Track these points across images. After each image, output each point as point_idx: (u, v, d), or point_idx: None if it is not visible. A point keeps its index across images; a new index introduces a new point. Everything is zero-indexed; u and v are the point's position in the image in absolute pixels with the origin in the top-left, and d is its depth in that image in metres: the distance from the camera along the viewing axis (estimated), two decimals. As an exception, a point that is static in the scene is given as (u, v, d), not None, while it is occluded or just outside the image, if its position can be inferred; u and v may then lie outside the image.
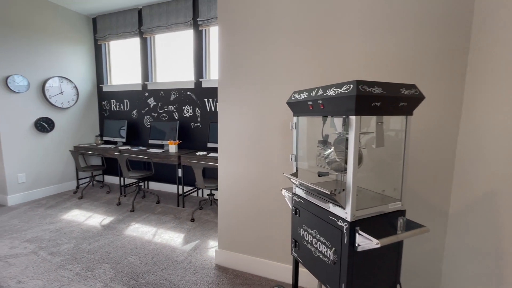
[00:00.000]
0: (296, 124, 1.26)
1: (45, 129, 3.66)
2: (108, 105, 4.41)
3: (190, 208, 3.39)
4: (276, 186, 1.85)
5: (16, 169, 3.38)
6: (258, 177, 1.90)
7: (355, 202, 0.94)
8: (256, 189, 1.92)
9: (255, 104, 1.83)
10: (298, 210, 1.24)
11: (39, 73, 3.56)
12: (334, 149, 1.13)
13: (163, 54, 4.01)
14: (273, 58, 1.74)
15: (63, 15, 3.85)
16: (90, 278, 1.92)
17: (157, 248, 2.36)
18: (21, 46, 3.36)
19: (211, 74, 3.67)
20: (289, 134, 1.72)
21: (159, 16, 3.73)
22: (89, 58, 4.27)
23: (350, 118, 0.91)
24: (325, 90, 1.00)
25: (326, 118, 1.20)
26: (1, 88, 3.19)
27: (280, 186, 1.83)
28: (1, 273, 1.96)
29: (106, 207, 3.34)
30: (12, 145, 3.33)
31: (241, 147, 1.93)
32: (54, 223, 2.83)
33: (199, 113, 3.72)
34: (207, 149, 3.74)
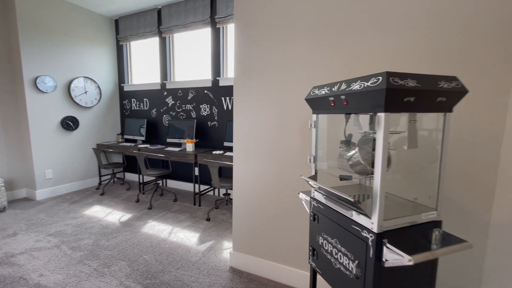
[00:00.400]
0: (315, 123, 1.16)
1: (70, 128, 3.82)
2: (128, 104, 4.53)
3: (206, 207, 3.37)
4: (293, 188, 1.75)
5: (44, 165, 3.55)
6: (274, 178, 1.81)
7: (382, 211, 0.83)
8: (272, 191, 1.84)
9: (272, 102, 1.74)
10: (317, 216, 1.14)
11: (65, 73, 3.72)
12: (358, 150, 1.01)
13: (181, 53, 4.03)
14: (291, 54, 1.64)
15: (88, 18, 3.99)
16: (106, 275, 1.94)
17: (172, 247, 2.35)
18: (49, 48, 3.52)
19: (228, 73, 3.62)
20: (307, 133, 1.62)
21: (177, 15, 3.75)
22: (111, 58, 4.40)
23: (378, 116, 0.80)
24: (349, 84, 0.89)
25: (349, 116, 1.09)
26: (31, 88, 3.36)
27: (297, 189, 1.73)
28: (26, 266, 2.03)
29: (125, 204, 3.41)
30: (41, 142, 3.50)
31: (257, 147, 1.86)
32: (77, 218, 2.93)
33: (216, 112, 3.69)
34: (224, 148, 3.71)
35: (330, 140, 1.19)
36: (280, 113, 1.72)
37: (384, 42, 1.37)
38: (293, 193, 1.75)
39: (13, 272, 1.95)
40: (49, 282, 1.85)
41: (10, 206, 3.26)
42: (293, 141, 1.69)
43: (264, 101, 1.78)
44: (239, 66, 1.85)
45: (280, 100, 1.71)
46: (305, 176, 1.11)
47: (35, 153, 3.45)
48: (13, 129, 3.44)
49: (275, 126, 1.76)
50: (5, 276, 1.91)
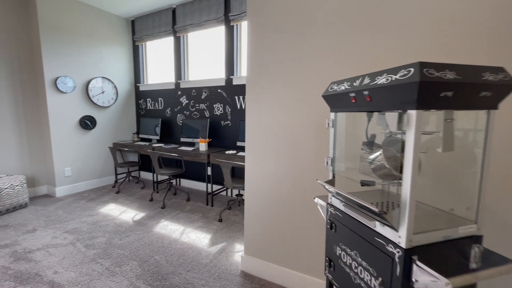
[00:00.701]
0: (333, 122, 1.06)
1: (88, 127, 3.91)
2: (144, 103, 4.58)
3: (219, 207, 3.33)
4: (308, 192, 1.65)
5: (63, 163, 3.66)
6: (287, 181, 1.72)
7: (412, 223, 0.71)
8: (286, 194, 1.74)
9: (286, 100, 1.65)
10: (335, 224, 1.04)
11: (83, 74, 3.81)
12: (382, 152, 0.90)
13: (195, 52, 4.02)
14: (306, 50, 1.54)
15: (106, 19, 4.07)
16: (117, 275, 1.93)
17: (184, 248, 2.31)
18: (69, 50, 3.62)
19: (242, 71, 3.56)
20: (324, 133, 1.51)
21: (192, 14, 3.73)
22: (127, 58, 4.47)
23: (408, 114, 0.69)
24: (373, 78, 0.79)
25: (371, 114, 0.98)
26: (51, 89, 3.46)
27: (313, 193, 1.63)
28: (42, 262, 2.07)
29: (139, 203, 3.44)
30: (60, 141, 3.60)
31: (269, 148, 1.77)
32: (92, 216, 2.98)
33: (229, 111, 3.64)
34: (237, 147, 3.65)
35: (350, 141, 1.08)
36: (295, 112, 1.62)
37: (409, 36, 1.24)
38: (308, 197, 1.65)
39: (30, 268, 1.99)
40: (62, 279, 1.87)
41: (31, 202, 3.38)
42: (308, 142, 1.59)
43: (277, 99, 1.69)
44: (251, 63, 1.77)
45: (294, 98, 1.62)
46: (321, 180, 1.01)
47: (55, 152, 3.56)
48: (35, 128, 3.56)
49: (289, 125, 1.66)
50: (22, 272, 1.95)
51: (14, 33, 3.30)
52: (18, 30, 3.34)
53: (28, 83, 3.46)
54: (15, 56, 3.32)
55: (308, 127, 1.58)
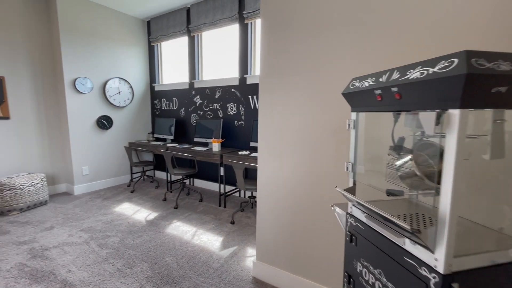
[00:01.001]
0: (354, 122, 0.95)
1: (105, 126, 3.99)
2: (159, 103, 4.62)
3: (231, 209, 3.27)
4: (325, 198, 1.53)
5: (81, 162, 3.75)
6: (302, 186, 1.61)
7: (453, 244, 0.60)
8: (300, 199, 1.64)
9: (300, 99, 1.55)
10: (355, 237, 0.93)
11: (101, 75, 3.89)
12: (412, 157, 0.79)
13: (209, 51, 3.98)
14: (324, 45, 1.43)
15: (123, 21, 4.13)
16: (128, 276, 1.91)
17: (195, 251, 2.27)
18: (87, 51, 3.70)
19: (256, 70, 3.48)
20: (344, 135, 1.40)
21: (206, 13, 3.70)
22: (143, 59, 4.52)
23: (449, 114, 0.57)
24: (404, 72, 0.68)
25: (399, 115, 0.86)
26: (70, 89, 3.55)
27: (330, 199, 1.51)
28: (57, 260, 2.10)
29: (153, 202, 3.45)
30: (78, 140, 3.69)
31: (283, 150, 1.67)
32: (107, 215, 3.01)
33: (243, 111, 3.57)
34: (250, 148, 3.58)
35: (373, 144, 0.97)
36: (311, 112, 1.52)
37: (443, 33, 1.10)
38: (325, 204, 1.54)
39: (45, 266, 2.02)
40: (75, 279, 1.87)
41: (51, 200, 3.49)
42: (325, 144, 1.48)
43: (291, 98, 1.59)
44: (264, 61, 1.68)
45: (310, 96, 1.51)
46: (340, 188, 0.91)
47: (74, 151, 3.65)
48: (55, 128, 3.68)
49: (304, 126, 1.56)
50: (37, 269, 1.98)
51: (36, 36, 3.41)
52: (41, 34, 3.45)
53: (49, 84, 3.57)
54: (37, 58, 3.44)
55: (325, 128, 1.47)
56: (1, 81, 3.17)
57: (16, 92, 3.28)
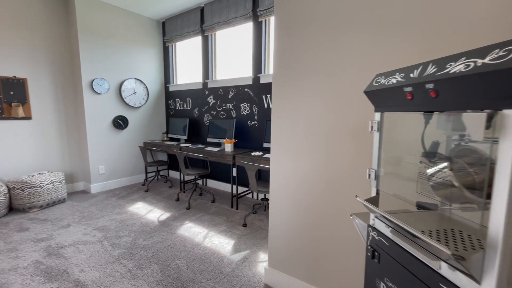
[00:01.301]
0: (378, 124, 0.84)
1: (120, 126, 4.05)
2: (173, 104, 4.64)
3: (244, 210, 3.20)
4: (343, 204, 1.43)
5: (98, 161, 3.83)
6: (318, 191, 1.51)
7: (506, 274, 0.49)
8: (315, 205, 1.54)
9: (316, 98, 1.45)
10: (378, 253, 0.83)
11: (117, 75, 3.95)
12: (449, 165, 0.67)
13: (223, 50, 3.94)
14: (342, 41, 1.32)
15: (139, 22, 4.18)
16: (138, 278, 1.89)
17: (206, 254, 2.22)
18: (104, 53, 3.77)
19: (270, 69, 3.39)
20: (364, 138, 1.28)
21: (219, 12, 3.66)
22: (158, 59, 4.56)
23: (503, 115, 0.47)
24: (443, 65, 0.57)
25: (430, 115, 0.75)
26: (88, 90, 3.63)
27: (348, 206, 1.40)
28: (71, 259, 2.12)
29: (165, 202, 3.46)
30: (95, 140, 3.77)
31: (297, 152, 1.58)
32: (121, 214, 3.04)
33: (256, 111, 3.50)
34: (263, 149, 3.50)
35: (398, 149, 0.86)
36: (327, 112, 1.41)
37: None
38: (343, 211, 1.43)
39: (59, 265, 2.05)
40: (87, 279, 1.88)
41: (69, 198, 3.58)
42: (343, 148, 1.37)
43: (306, 98, 1.49)
44: (278, 59, 1.60)
45: (327, 96, 1.41)
46: (361, 198, 0.81)
47: (91, 150, 3.73)
48: (73, 128, 3.78)
49: (320, 128, 1.45)
50: (52, 267, 2.01)
51: (57, 39, 3.52)
52: (60, 36, 3.55)
53: (68, 85, 3.67)
54: (57, 60, 3.54)
55: (343, 130, 1.36)
56: (24, 83, 3.29)
57: (37, 93, 3.39)
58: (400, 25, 1.14)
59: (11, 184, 3.00)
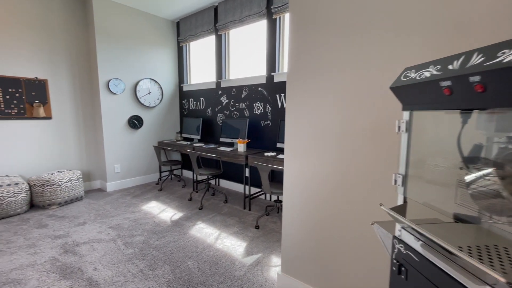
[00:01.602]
0: (407, 124, 0.75)
1: (135, 126, 4.11)
2: (187, 103, 4.66)
3: (256, 212, 3.14)
4: (361, 211, 1.33)
5: (114, 160, 3.90)
6: (335, 195, 1.42)
7: None
8: (332, 210, 1.45)
9: (333, 96, 1.36)
10: (406, 269, 0.74)
11: (132, 76, 4.01)
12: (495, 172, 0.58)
13: (236, 49, 3.90)
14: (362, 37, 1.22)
15: (154, 23, 4.23)
16: (150, 279, 1.88)
17: (217, 256, 2.18)
18: (120, 54, 3.83)
19: (284, 67, 3.31)
20: (387, 139, 1.18)
21: (233, 10, 3.62)
22: (172, 59, 4.59)
23: None
24: (493, 53, 0.48)
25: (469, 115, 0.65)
26: (104, 90, 3.71)
27: (368, 213, 1.30)
28: (85, 257, 2.14)
29: (178, 202, 3.46)
30: (111, 139, 3.85)
31: (313, 153, 1.50)
32: (135, 213, 3.07)
33: (269, 110, 3.43)
34: (277, 149, 3.42)
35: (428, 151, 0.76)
36: (345, 111, 1.32)
37: None
38: (362, 217, 1.33)
39: (74, 262, 2.07)
40: (100, 278, 1.88)
41: (86, 196, 3.67)
42: (363, 150, 1.27)
43: (322, 96, 1.41)
44: (293, 56, 1.52)
45: (345, 94, 1.31)
46: (386, 207, 0.72)
47: (107, 149, 3.81)
48: (90, 127, 3.87)
49: (338, 128, 1.37)
50: (67, 265, 2.04)
51: (75, 41, 3.61)
52: (79, 38, 3.65)
53: (85, 85, 3.77)
54: (75, 61, 3.64)
55: (363, 130, 1.26)
56: (45, 84, 3.40)
57: (57, 93, 3.50)
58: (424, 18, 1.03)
59: (32, 182, 3.11)
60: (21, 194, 2.94)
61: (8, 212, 2.84)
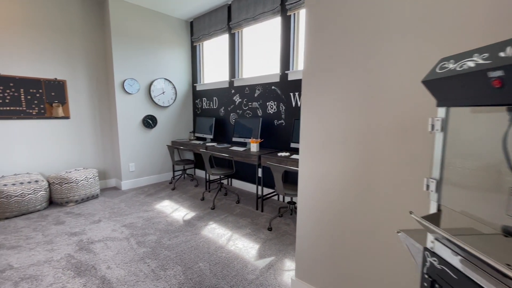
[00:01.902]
0: (443, 123, 0.66)
1: (150, 125, 4.15)
2: (200, 103, 4.67)
3: (269, 213, 3.08)
4: (382, 217, 1.23)
5: (128, 159, 3.96)
6: (352, 197, 1.34)
7: None
8: (349, 213, 1.36)
9: (352, 93, 1.27)
10: (440, 286, 0.65)
11: (147, 76, 4.05)
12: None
13: (249, 48, 3.85)
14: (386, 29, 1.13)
15: (168, 23, 4.26)
16: (161, 279, 1.86)
17: (229, 258, 2.14)
18: (135, 54, 3.88)
19: (299, 65, 3.22)
20: (413, 140, 1.09)
21: (247, 8, 3.57)
22: (186, 59, 4.61)
23: None
24: None
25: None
26: (120, 90, 3.77)
27: (388, 218, 1.21)
28: (99, 255, 2.16)
29: (191, 201, 3.46)
30: (126, 138, 3.91)
31: (330, 154, 1.41)
32: (148, 212, 3.09)
33: (283, 109, 3.35)
34: (290, 149, 3.34)
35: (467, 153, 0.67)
36: (365, 108, 1.23)
37: None
38: (384, 225, 1.24)
39: (89, 260, 2.10)
40: (112, 276, 1.89)
41: (102, 194, 3.75)
42: (385, 150, 1.18)
43: (341, 92, 1.32)
44: (309, 52, 1.44)
45: (365, 91, 1.22)
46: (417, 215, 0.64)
47: (122, 148, 3.87)
48: (106, 126, 3.95)
49: (356, 127, 1.28)
50: (82, 262, 2.06)
51: (92, 42, 3.69)
52: (95, 39, 3.73)
53: (101, 85, 3.85)
54: (92, 62, 3.72)
55: (384, 130, 1.17)
56: (64, 84, 3.49)
57: (74, 94, 3.59)
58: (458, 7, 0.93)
59: (51, 179, 3.20)
60: (41, 192, 3.03)
61: (28, 208, 2.94)
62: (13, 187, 2.83)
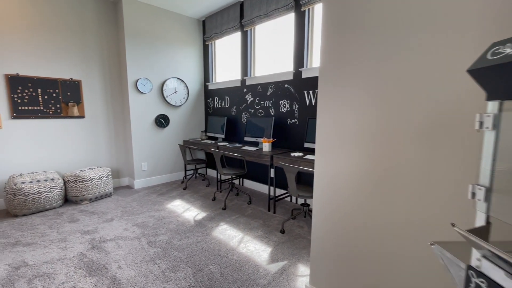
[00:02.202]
0: (495, 120, 0.56)
1: (162, 125, 4.16)
2: (212, 102, 4.64)
3: (281, 215, 2.99)
4: (409, 222, 1.12)
5: (141, 158, 3.98)
6: (376, 203, 1.23)
7: None
8: (371, 220, 1.26)
9: (375, 89, 1.17)
10: (490, 313, 0.55)
11: (159, 75, 4.06)
12: None
13: (262, 46, 3.77)
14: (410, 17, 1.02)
15: (180, 22, 4.25)
16: (171, 281, 1.82)
17: (240, 261, 2.07)
18: (147, 53, 3.90)
19: (313, 62, 3.11)
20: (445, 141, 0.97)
21: (259, 5, 3.49)
22: (198, 58, 4.59)
23: None
24: None
25: None
26: (133, 90, 3.79)
27: (414, 224, 1.10)
28: (110, 254, 2.15)
29: (202, 201, 3.42)
30: (139, 137, 3.93)
31: (348, 154, 1.31)
32: (160, 211, 3.08)
33: (296, 108, 3.25)
34: (304, 149, 3.23)
35: None
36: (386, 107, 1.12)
37: None
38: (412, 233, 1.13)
39: (100, 259, 2.09)
40: (122, 277, 1.87)
41: (115, 192, 3.78)
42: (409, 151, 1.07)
43: (362, 89, 1.22)
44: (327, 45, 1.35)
45: (390, 85, 1.12)
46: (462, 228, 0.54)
47: (135, 147, 3.90)
48: (119, 126, 3.99)
49: (378, 126, 1.17)
50: (93, 261, 2.06)
51: (106, 42, 3.73)
52: (109, 39, 3.77)
53: (115, 85, 3.88)
54: (106, 62, 3.76)
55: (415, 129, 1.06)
56: (79, 84, 3.55)
57: (89, 93, 3.64)
58: (510, -20, 0.81)
59: (66, 178, 3.26)
60: (56, 189, 3.09)
61: (44, 206, 2.99)
62: (31, 184, 2.89)
